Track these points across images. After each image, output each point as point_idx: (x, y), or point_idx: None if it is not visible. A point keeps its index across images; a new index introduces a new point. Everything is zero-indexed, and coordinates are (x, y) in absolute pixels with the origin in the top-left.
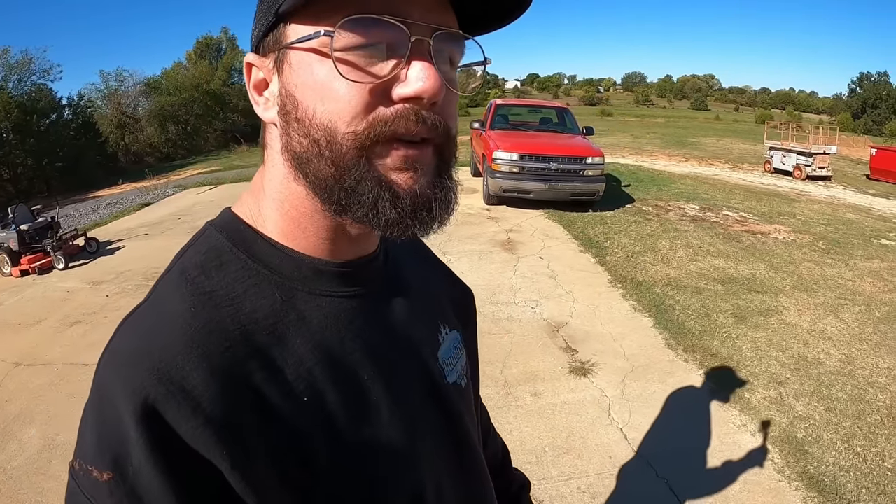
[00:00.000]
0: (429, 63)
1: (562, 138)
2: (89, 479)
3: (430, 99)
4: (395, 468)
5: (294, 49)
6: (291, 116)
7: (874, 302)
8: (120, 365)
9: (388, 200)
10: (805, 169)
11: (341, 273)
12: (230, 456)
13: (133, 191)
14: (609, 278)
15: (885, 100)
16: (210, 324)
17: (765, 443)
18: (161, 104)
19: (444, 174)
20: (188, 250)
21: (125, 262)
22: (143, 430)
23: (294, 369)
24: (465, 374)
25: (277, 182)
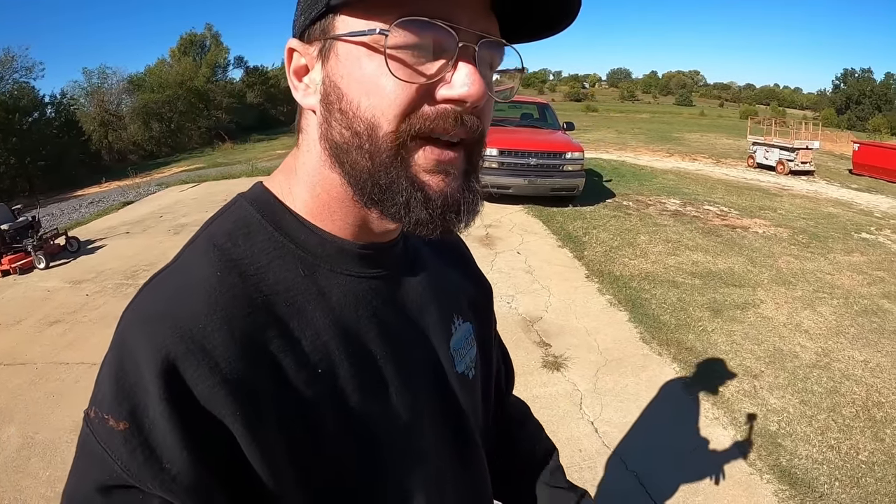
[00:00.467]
0: (474, 68)
1: (542, 134)
2: (105, 427)
3: (473, 103)
4: (398, 444)
5: (343, 41)
6: (334, 107)
7: (852, 295)
8: (144, 322)
9: (420, 201)
10: (788, 164)
11: (363, 255)
12: (243, 417)
13: (116, 189)
14: (586, 273)
15: (868, 96)
16: (234, 289)
17: (737, 436)
18: (144, 102)
19: (472, 177)
20: (217, 219)
21: (106, 261)
22: (161, 385)
23: (311, 341)
24: (473, 366)
25: (311, 167)
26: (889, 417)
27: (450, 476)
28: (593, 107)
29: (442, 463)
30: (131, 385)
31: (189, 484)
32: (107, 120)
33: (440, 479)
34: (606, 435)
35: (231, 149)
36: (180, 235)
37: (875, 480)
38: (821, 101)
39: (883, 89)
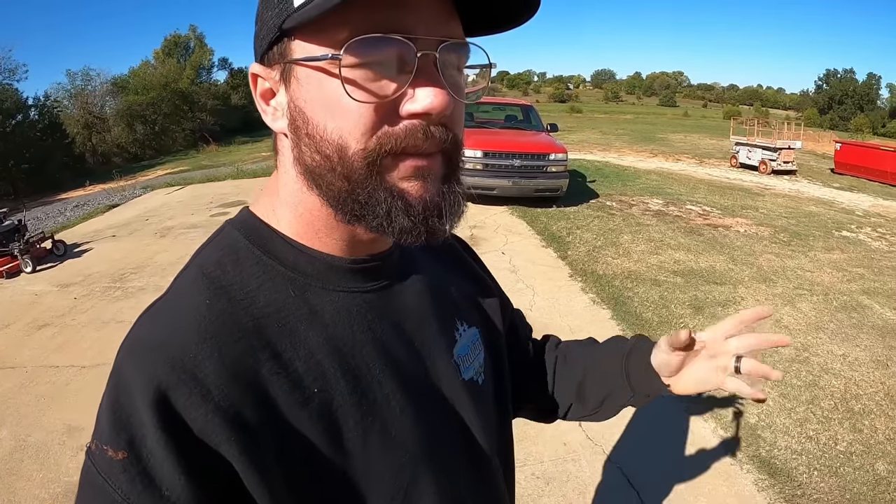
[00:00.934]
0: (436, 79)
1: (526, 135)
2: (104, 457)
3: (438, 115)
4: (403, 462)
5: (301, 65)
6: (302, 132)
7: (832, 292)
8: (136, 353)
9: (401, 210)
10: (770, 163)
11: (354, 269)
12: (237, 442)
13: (100, 192)
14: (570, 272)
15: (850, 96)
16: (224, 315)
17: (718, 428)
18: (128, 104)
19: (451, 180)
20: (206, 247)
21: (93, 265)
22: (155, 415)
23: (304, 361)
24: (482, 371)
25: (291, 189)
26: (867, 409)
27: (464, 488)
28: (577, 108)
29: (454, 475)
30: (127, 416)
31: None
32: (90, 122)
33: (454, 492)
34: (589, 428)
35: (216, 151)
36: (166, 238)
37: (853, 469)
38: (804, 102)
39: (865, 89)
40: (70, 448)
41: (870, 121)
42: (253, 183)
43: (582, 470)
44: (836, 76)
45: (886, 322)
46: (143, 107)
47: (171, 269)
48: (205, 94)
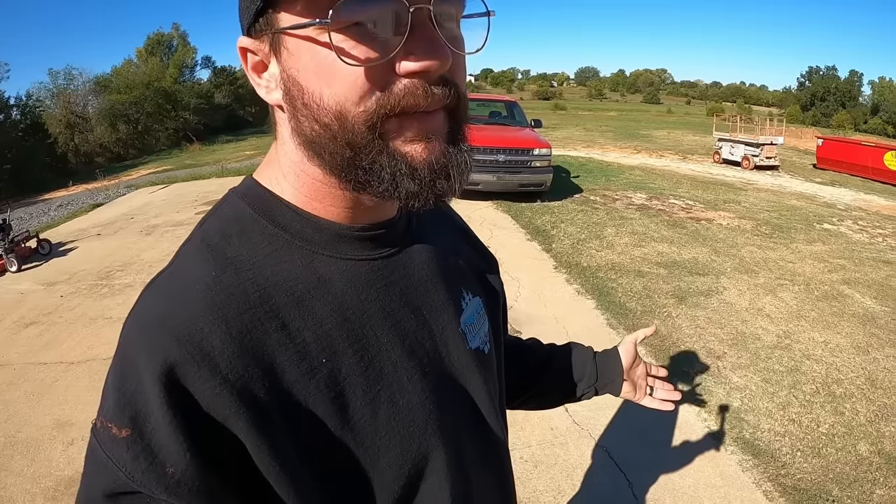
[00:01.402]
0: (432, 34)
1: (510, 131)
2: (109, 435)
3: (437, 72)
4: (412, 430)
5: (289, 34)
6: (298, 101)
7: (813, 282)
8: (142, 328)
9: (406, 174)
10: (753, 159)
11: (361, 237)
12: (246, 416)
13: (84, 192)
14: (554, 264)
15: (833, 93)
16: (230, 287)
17: (702, 412)
18: (111, 103)
19: (457, 136)
20: (210, 217)
21: (78, 263)
22: (162, 390)
23: (313, 331)
24: (488, 341)
25: (291, 160)
26: (848, 393)
27: (471, 456)
28: (561, 105)
29: (462, 444)
30: (132, 392)
31: (194, 487)
32: (73, 122)
33: (461, 461)
34: (577, 414)
35: (199, 150)
36: (152, 236)
37: (836, 450)
38: (786, 98)
39: (847, 86)
40: (60, 443)
41: (851, 117)
42: (238, 181)
43: (569, 453)
44: (818, 73)
45: (867, 310)
46: (125, 106)
47: (158, 266)
48: (188, 93)
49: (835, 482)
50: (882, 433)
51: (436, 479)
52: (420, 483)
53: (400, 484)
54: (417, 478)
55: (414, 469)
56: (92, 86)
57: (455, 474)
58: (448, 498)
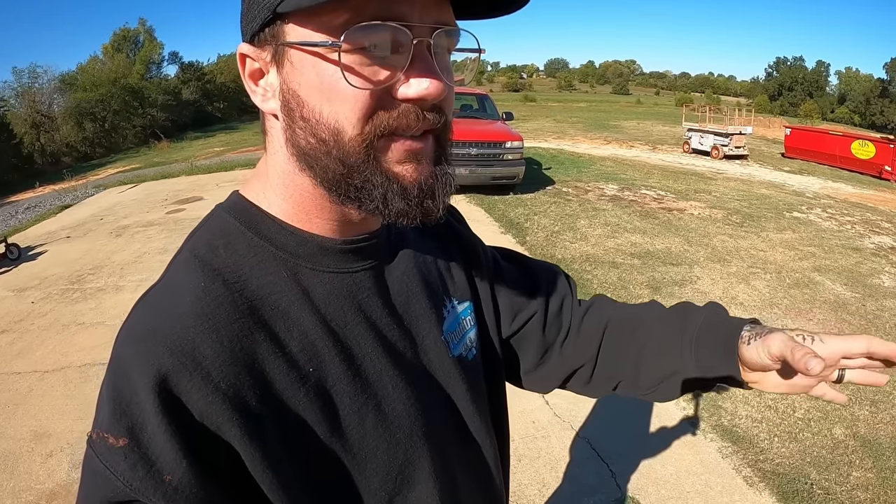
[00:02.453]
0: (430, 65)
1: (481, 124)
2: (105, 445)
3: (432, 101)
4: (398, 437)
5: (295, 49)
6: (296, 114)
7: (785, 269)
8: (135, 340)
9: (397, 193)
10: (722, 149)
11: (344, 250)
12: (238, 422)
13: (51, 193)
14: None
15: (800, 82)
16: (219, 298)
17: (680, 401)
18: (77, 101)
19: (442, 160)
20: (198, 231)
21: (49, 267)
22: (157, 400)
23: (299, 342)
24: (473, 347)
25: (281, 171)
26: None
27: (457, 464)
28: (531, 97)
29: (447, 451)
30: (127, 403)
31: (191, 493)
32: (38, 121)
33: (447, 469)
34: (557, 407)
35: (167, 148)
36: (122, 237)
37: (812, 435)
38: (754, 89)
39: (814, 76)
40: (39, 455)
41: (819, 107)
42: (208, 178)
43: (552, 446)
44: (785, 64)
45: (838, 297)
46: (92, 104)
47: (130, 269)
48: (155, 90)
49: (812, 465)
50: (856, 417)
51: (423, 487)
52: (408, 490)
53: (387, 489)
54: (404, 484)
55: (401, 475)
56: (57, 84)
57: (442, 480)
58: (437, 502)
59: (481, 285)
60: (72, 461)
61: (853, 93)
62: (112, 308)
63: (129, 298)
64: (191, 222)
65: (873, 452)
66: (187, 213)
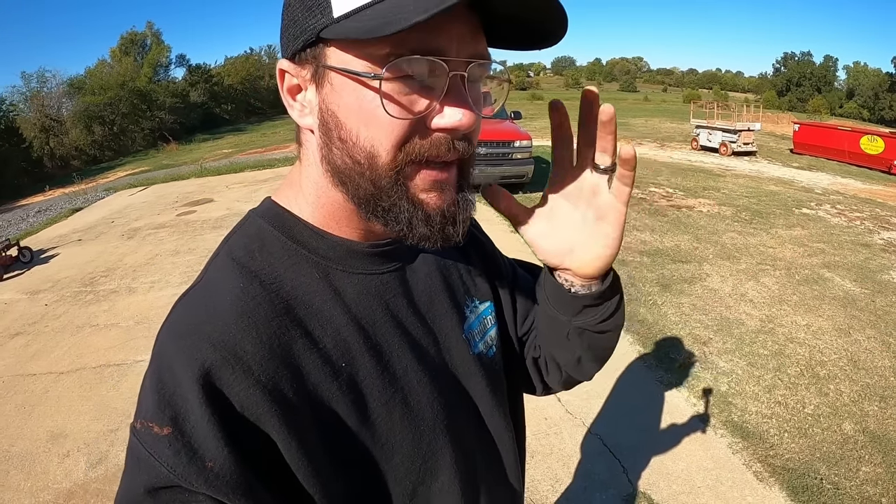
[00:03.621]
0: (464, 97)
1: (489, 123)
2: (150, 434)
3: (464, 132)
4: (422, 430)
5: (337, 73)
6: (333, 134)
7: (794, 266)
8: (178, 336)
9: (422, 220)
10: (730, 145)
11: (371, 253)
12: (277, 414)
13: (61, 196)
14: None
15: (808, 78)
16: (257, 298)
17: (691, 397)
18: (86, 104)
19: (465, 188)
20: (233, 236)
21: (61, 270)
22: (201, 391)
23: (332, 338)
24: (493, 345)
25: (314, 183)
26: (831, 374)
27: (477, 458)
28: (539, 95)
29: (468, 445)
30: (171, 394)
31: (232, 479)
32: (48, 125)
33: (468, 462)
34: (569, 404)
35: (176, 150)
36: (134, 240)
37: (822, 430)
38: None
39: (822, 71)
40: (56, 455)
41: (827, 102)
42: (218, 180)
43: (564, 442)
44: (793, 59)
45: (847, 293)
46: (100, 107)
47: (142, 270)
48: (163, 92)
49: (822, 461)
50: (865, 412)
51: (445, 477)
52: (431, 480)
53: (412, 479)
54: (428, 474)
55: (424, 465)
56: (66, 88)
57: (463, 471)
58: (458, 493)
59: (501, 288)
60: (88, 461)
61: (861, 87)
62: (125, 310)
63: (141, 300)
64: (202, 224)
65: (883, 447)
66: (198, 214)
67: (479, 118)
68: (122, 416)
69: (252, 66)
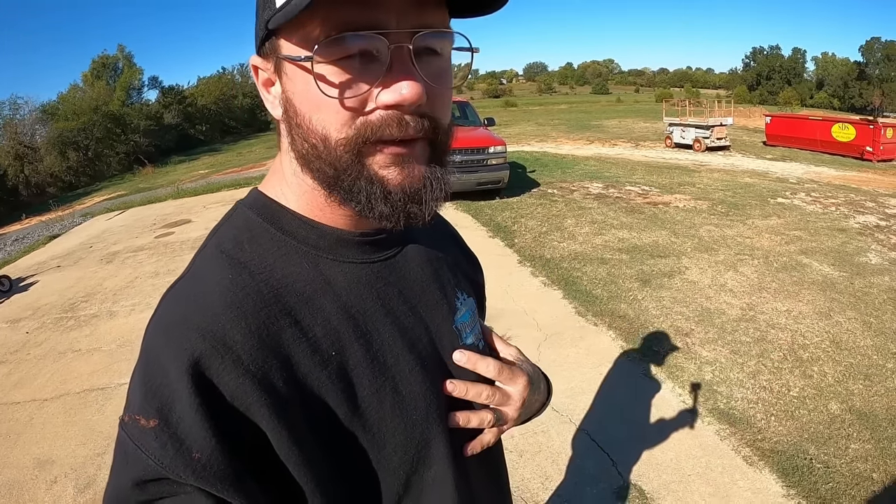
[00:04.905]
0: (409, 70)
1: (464, 131)
2: (137, 426)
3: (410, 105)
4: (415, 418)
5: (288, 62)
6: (293, 122)
7: (772, 254)
8: (167, 328)
9: (380, 197)
10: (704, 141)
11: (361, 242)
12: (267, 403)
13: (38, 224)
14: (518, 259)
15: (777, 71)
16: (246, 288)
17: (675, 388)
18: (59, 130)
19: (435, 164)
20: (221, 227)
21: (41, 297)
22: (189, 381)
23: (322, 327)
24: (482, 338)
25: (291, 170)
26: (814, 357)
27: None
28: (512, 102)
29: (458, 431)
30: (157, 386)
31: (219, 470)
32: (22, 153)
33: (458, 447)
34: (555, 401)
35: (152, 173)
36: (113, 264)
37: (808, 412)
38: (733, 80)
39: (791, 64)
40: (43, 482)
41: (798, 93)
42: (195, 201)
43: (552, 440)
44: (762, 53)
45: (826, 277)
46: (74, 133)
47: (122, 294)
48: (137, 115)
49: (810, 441)
50: (851, 391)
51: (438, 466)
52: (424, 469)
53: (405, 469)
54: (420, 463)
55: (417, 455)
56: (39, 114)
57: (455, 463)
58: (451, 484)
59: (479, 289)
60: (76, 486)
61: (831, 77)
62: (107, 334)
63: (123, 323)
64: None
65: (870, 424)
66: (177, 235)
67: (432, 89)
68: (109, 440)
69: (225, 85)
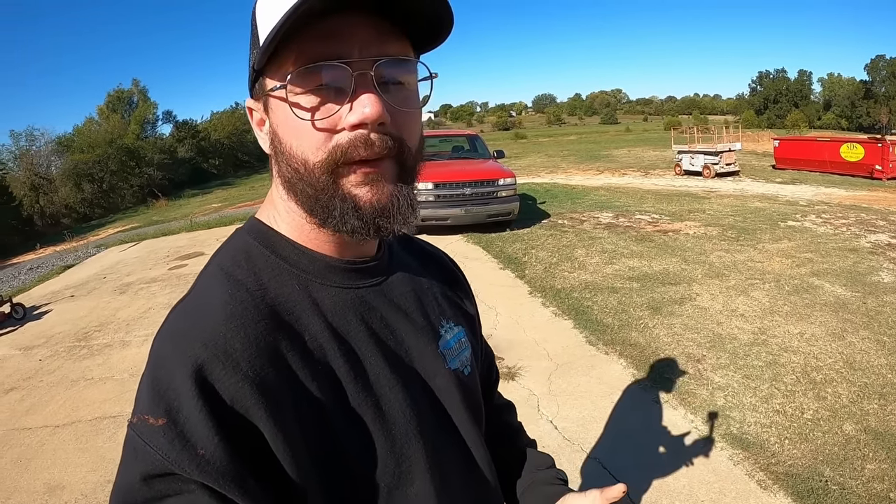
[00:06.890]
0: (370, 92)
1: (474, 164)
2: (146, 425)
3: (373, 122)
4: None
5: (270, 97)
6: (278, 150)
7: (783, 277)
8: (173, 338)
9: (352, 213)
10: (713, 167)
11: (349, 269)
12: (264, 407)
13: (53, 254)
14: (529, 290)
15: (784, 94)
16: (245, 303)
17: (688, 414)
18: (74, 163)
19: (402, 182)
20: (222, 250)
21: (54, 326)
22: (193, 385)
23: (311, 342)
24: (468, 365)
25: (282, 200)
26: (828, 378)
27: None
28: (522, 134)
29: (443, 452)
30: (165, 389)
31: (222, 466)
32: (37, 183)
33: (443, 467)
34: (566, 430)
35: (166, 206)
36: (126, 294)
37: (822, 434)
38: (740, 105)
39: (798, 86)
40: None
41: (805, 115)
42: (208, 234)
43: (563, 468)
44: (768, 77)
45: (838, 298)
46: (89, 165)
47: (136, 324)
48: (151, 149)
49: (825, 463)
50: (866, 411)
51: (420, 483)
52: (406, 485)
53: (386, 482)
54: (403, 479)
55: (398, 470)
56: (54, 146)
57: (437, 478)
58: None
59: (473, 319)
60: None
61: (838, 97)
62: (120, 363)
63: (136, 353)
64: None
65: (886, 444)
66: (189, 268)
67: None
68: None
69: (238, 120)
